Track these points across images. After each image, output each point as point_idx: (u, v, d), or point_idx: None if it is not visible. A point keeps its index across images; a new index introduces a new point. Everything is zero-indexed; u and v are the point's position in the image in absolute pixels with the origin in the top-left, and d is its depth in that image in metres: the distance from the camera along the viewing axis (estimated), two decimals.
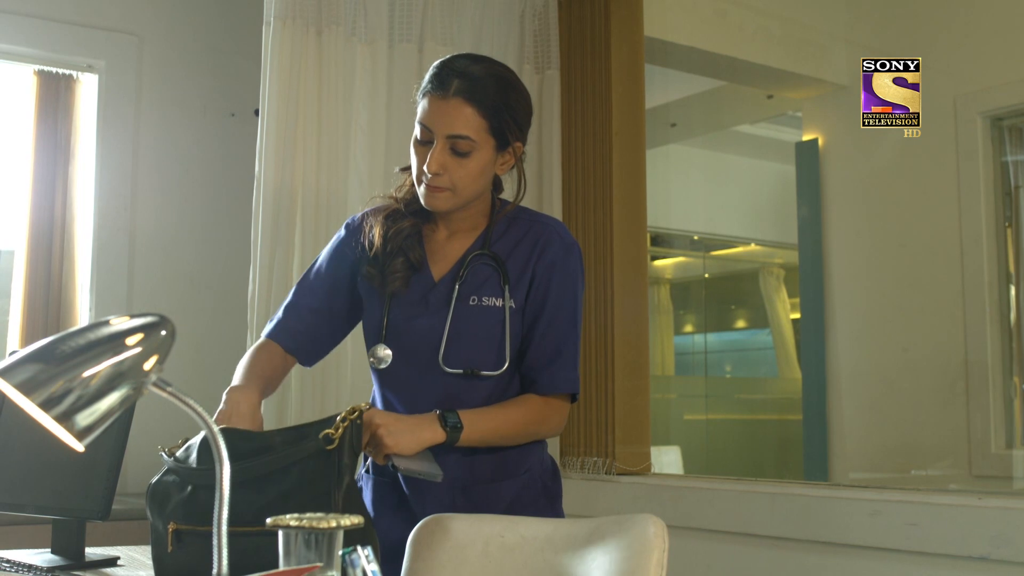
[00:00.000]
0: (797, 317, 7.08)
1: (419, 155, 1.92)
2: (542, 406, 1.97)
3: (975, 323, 4.23)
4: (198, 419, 1.07)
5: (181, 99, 3.93)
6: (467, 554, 1.73)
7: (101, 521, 2.07)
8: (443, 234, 2.04)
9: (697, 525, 3.04)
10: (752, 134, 6.28)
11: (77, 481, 2.13)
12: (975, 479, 4.18)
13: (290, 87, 3.01)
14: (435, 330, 1.94)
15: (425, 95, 1.92)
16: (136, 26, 3.87)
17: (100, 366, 1.03)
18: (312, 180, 3.04)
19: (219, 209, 3.96)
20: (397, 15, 3.24)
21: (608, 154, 3.44)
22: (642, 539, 1.59)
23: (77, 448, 1.04)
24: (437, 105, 1.88)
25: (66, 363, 1.03)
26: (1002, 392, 4.20)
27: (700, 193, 6.51)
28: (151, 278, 3.85)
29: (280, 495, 1.63)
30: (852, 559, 2.73)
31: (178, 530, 1.65)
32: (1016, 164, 4.36)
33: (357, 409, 1.69)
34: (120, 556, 2.15)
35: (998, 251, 4.27)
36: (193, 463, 1.69)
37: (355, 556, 1.18)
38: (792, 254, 6.71)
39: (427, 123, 1.89)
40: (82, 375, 1.02)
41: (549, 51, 3.53)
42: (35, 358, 1.03)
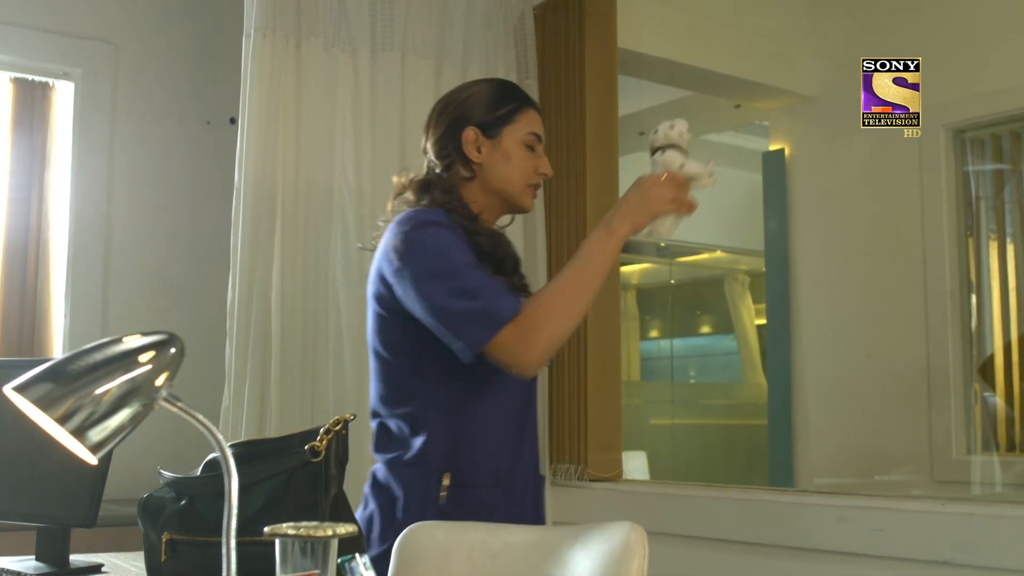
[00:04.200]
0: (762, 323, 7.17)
1: (529, 161, 2.14)
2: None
3: (937, 331, 4.29)
4: (206, 433, 1.11)
5: (157, 107, 3.96)
6: (452, 561, 1.78)
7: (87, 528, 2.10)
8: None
9: (669, 531, 3.09)
10: (719, 143, 6.36)
11: (62, 489, 2.15)
12: (936, 484, 4.25)
13: (270, 98, 3.04)
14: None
15: (523, 109, 2.16)
16: (112, 34, 3.89)
17: (113, 383, 1.07)
18: (292, 190, 3.07)
19: (195, 217, 3.98)
20: (379, 25, 3.28)
21: (582, 163, 3.49)
22: (623, 546, 1.64)
23: (91, 461, 1.08)
24: (536, 115, 2.17)
25: (80, 380, 1.06)
26: (963, 398, 4.27)
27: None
28: (126, 285, 3.86)
29: (267, 505, 1.67)
30: (820, 564, 2.79)
31: (172, 540, 1.69)
32: (977, 175, 4.45)
33: (342, 420, 1.73)
34: (104, 563, 2.18)
35: (959, 260, 4.34)
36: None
37: (354, 564, 1.23)
38: (757, 261, 6.79)
39: (539, 131, 2.16)
40: (95, 391, 1.06)
41: (527, 61, 3.59)
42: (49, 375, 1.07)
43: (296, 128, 3.11)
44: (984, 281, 4.43)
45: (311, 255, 3.11)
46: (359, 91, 3.22)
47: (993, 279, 4.44)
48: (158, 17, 3.99)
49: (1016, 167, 4.44)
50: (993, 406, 4.38)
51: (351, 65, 3.22)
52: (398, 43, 3.31)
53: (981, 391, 4.35)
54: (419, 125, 3.28)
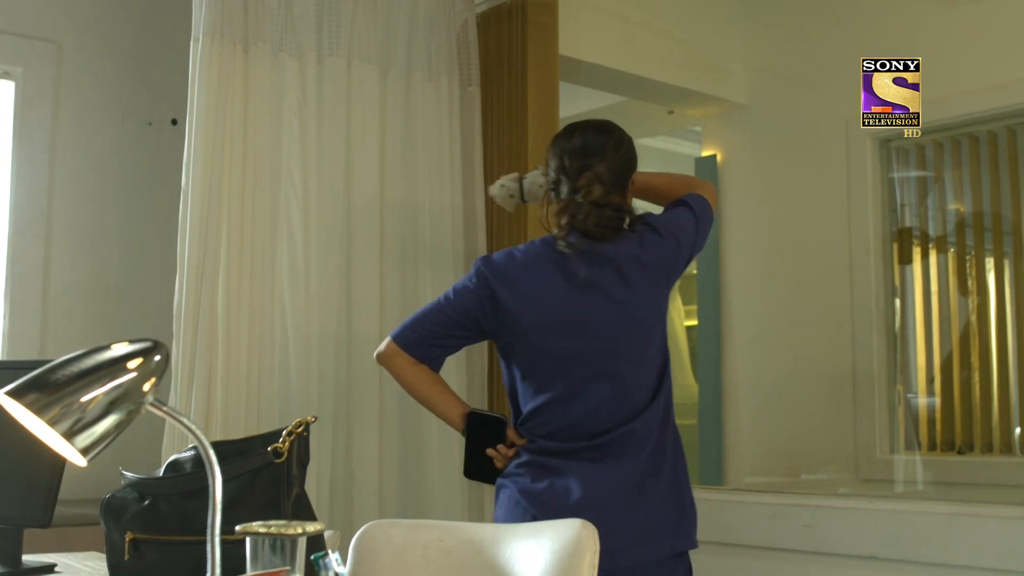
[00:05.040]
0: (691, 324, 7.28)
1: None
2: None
3: (862, 333, 4.42)
4: (190, 435, 1.17)
5: (99, 107, 3.94)
6: (407, 558, 1.84)
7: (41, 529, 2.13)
8: None
9: None
10: (653, 147, 6.46)
11: (16, 489, 2.18)
12: (861, 482, 4.37)
13: (218, 102, 3.07)
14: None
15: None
16: (54, 33, 3.87)
17: (103, 388, 1.12)
18: (238, 193, 3.10)
19: (137, 217, 3.97)
20: (326, 30, 3.32)
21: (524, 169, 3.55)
22: (576, 542, 1.72)
23: (81, 464, 1.13)
24: None
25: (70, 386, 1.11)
26: (887, 399, 4.40)
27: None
28: (67, 286, 3.83)
29: (231, 504, 1.72)
30: (752, 560, 2.90)
31: (135, 539, 1.73)
32: (902, 182, 4.59)
33: (303, 422, 1.79)
34: (56, 563, 2.21)
35: (884, 265, 4.46)
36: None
37: (327, 560, 1.29)
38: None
39: None
40: (84, 397, 1.11)
41: (470, 68, 3.65)
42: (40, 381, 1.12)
43: (243, 131, 3.14)
44: (908, 285, 4.57)
45: (257, 257, 3.14)
46: (305, 96, 3.27)
47: (916, 284, 4.58)
48: (101, 17, 3.98)
49: (939, 175, 4.59)
50: (916, 407, 4.53)
51: (298, 70, 3.26)
52: (344, 49, 3.35)
53: (904, 392, 4.48)
54: (364, 129, 3.37)
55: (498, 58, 3.65)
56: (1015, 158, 4.38)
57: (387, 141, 3.42)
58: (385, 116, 3.44)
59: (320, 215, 3.26)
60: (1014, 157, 4.38)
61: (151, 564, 1.72)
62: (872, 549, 2.66)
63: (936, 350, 4.51)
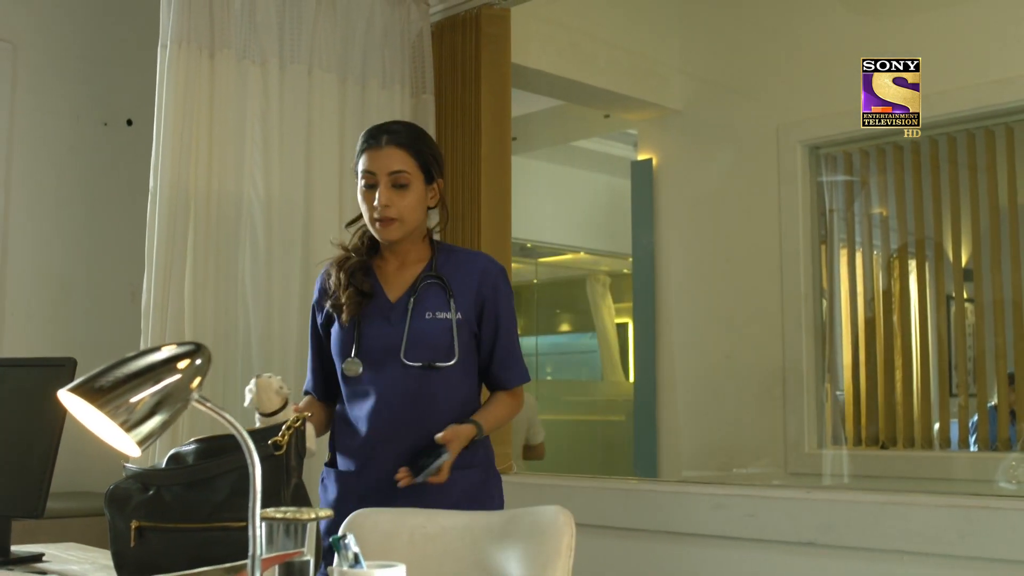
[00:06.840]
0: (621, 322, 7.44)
1: (368, 200, 2.35)
2: (512, 397, 2.50)
3: (792, 333, 4.60)
4: (232, 429, 1.28)
5: (55, 107, 3.98)
6: (394, 543, 1.97)
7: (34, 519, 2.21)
8: (394, 265, 2.43)
9: None
10: (587, 148, 6.62)
11: (8, 481, 2.26)
12: (790, 476, 4.54)
13: (185, 106, 3.15)
14: (396, 337, 2.33)
15: (363, 152, 2.37)
16: (10, 33, 3.90)
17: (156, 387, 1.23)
18: (204, 195, 3.19)
19: (93, 216, 4.01)
20: (287, 38, 3.42)
21: (477, 174, 3.69)
22: (553, 526, 1.86)
23: (136, 454, 1.24)
24: (375, 154, 2.35)
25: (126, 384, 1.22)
26: (815, 397, 4.57)
27: (534, 202, 6.79)
28: (23, 284, 3.87)
29: (232, 494, 1.83)
30: (698, 547, 3.06)
31: (141, 527, 1.83)
32: (831, 188, 4.77)
33: (301, 417, 1.92)
34: (44, 553, 2.29)
35: (813, 267, 4.64)
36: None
37: (347, 541, 1.41)
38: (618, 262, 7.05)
39: (370, 168, 2.35)
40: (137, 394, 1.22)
41: (424, 77, 3.76)
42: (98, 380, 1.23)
43: (209, 135, 3.23)
44: (835, 287, 4.76)
45: (222, 258, 3.23)
46: (268, 101, 3.36)
47: (843, 285, 4.78)
48: (57, 17, 4.02)
49: (865, 182, 4.78)
50: (842, 403, 4.72)
51: (261, 76, 3.35)
52: (305, 56, 3.45)
53: (832, 389, 4.67)
54: (324, 135, 3.47)
55: (452, 66, 3.77)
56: (936, 166, 4.57)
57: (345, 146, 3.52)
58: (344, 122, 3.54)
59: (282, 218, 3.36)
60: (936, 165, 4.57)
61: (155, 551, 1.82)
62: (810, 536, 2.83)
63: (862, 349, 4.69)
